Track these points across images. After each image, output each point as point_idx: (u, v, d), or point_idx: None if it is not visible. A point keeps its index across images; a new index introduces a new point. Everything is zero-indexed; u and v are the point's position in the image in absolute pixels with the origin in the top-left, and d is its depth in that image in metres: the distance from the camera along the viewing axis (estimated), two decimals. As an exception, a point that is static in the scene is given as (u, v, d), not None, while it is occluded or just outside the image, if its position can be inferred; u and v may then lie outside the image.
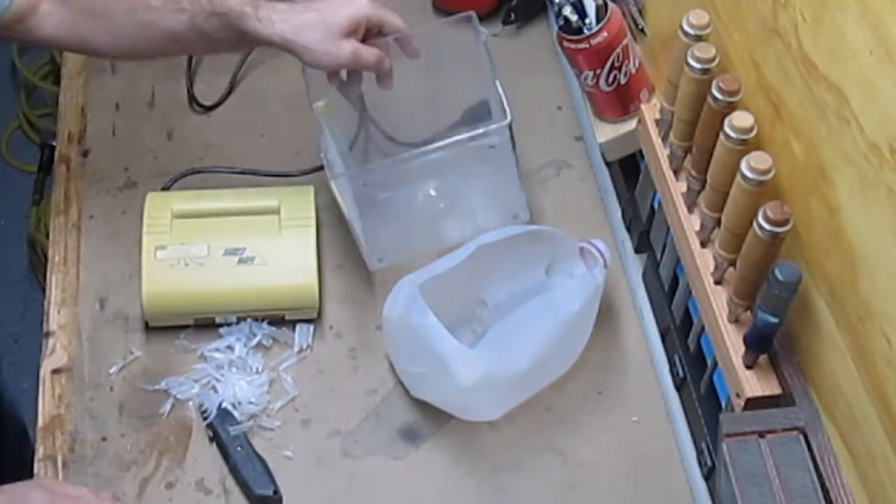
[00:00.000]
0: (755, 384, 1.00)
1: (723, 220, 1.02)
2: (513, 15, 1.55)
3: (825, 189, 0.91)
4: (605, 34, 1.21)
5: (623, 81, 1.24)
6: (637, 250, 1.32)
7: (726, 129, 0.99)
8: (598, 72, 1.24)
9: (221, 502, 1.14)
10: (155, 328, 1.24)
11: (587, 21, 1.21)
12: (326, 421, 1.20)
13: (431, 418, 1.20)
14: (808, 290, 0.96)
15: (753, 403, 1.00)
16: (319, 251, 1.28)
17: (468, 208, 1.32)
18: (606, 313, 1.28)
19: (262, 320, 1.25)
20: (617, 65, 1.23)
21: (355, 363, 1.25)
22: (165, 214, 1.25)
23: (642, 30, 1.27)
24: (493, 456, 1.19)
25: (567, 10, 1.21)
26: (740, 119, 0.98)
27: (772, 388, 1.00)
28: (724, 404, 1.11)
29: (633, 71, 1.24)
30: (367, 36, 1.19)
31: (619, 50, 1.22)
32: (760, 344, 0.99)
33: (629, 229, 1.34)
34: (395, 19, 1.20)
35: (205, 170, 1.37)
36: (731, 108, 1.01)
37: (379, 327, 1.24)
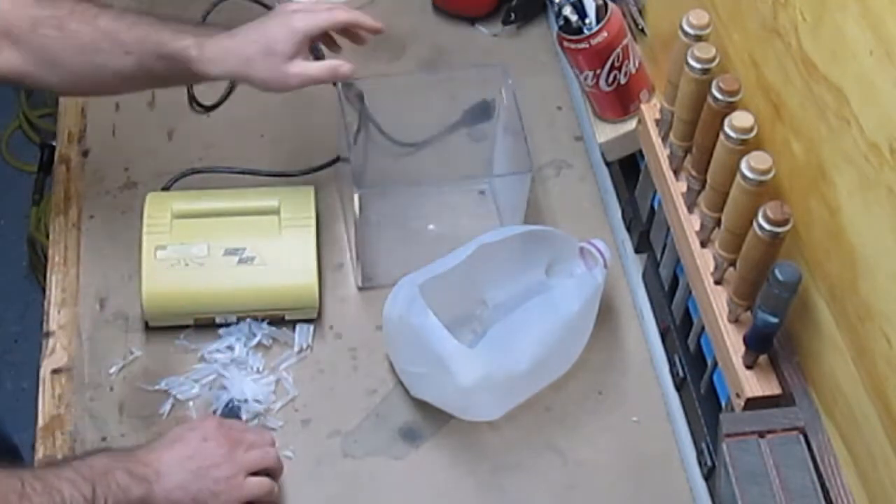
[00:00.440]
0: (755, 384, 1.00)
1: (723, 220, 1.02)
2: (513, 15, 1.55)
3: (825, 189, 0.91)
4: (605, 34, 1.21)
5: (623, 81, 1.24)
6: (637, 250, 1.32)
7: (726, 129, 0.99)
8: (598, 72, 1.24)
9: (221, 502, 1.14)
10: (155, 328, 1.24)
11: (587, 21, 1.21)
12: (326, 421, 1.20)
13: (431, 418, 1.20)
14: (808, 290, 0.96)
15: (753, 403, 0.99)
16: (319, 251, 1.28)
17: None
18: (606, 313, 1.28)
19: (262, 320, 1.25)
20: (617, 65, 1.23)
21: (355, 363, 1.25)
22: (165, 214, 1.25)
23: (642, 30, 1.27)
24: (493, 456, 1.19)
25: (567, 10, 1.21)
26: (740, 119, 0.98)
27: (772, 388, 1.00)
28: (724, 404, 1.11)
29: (633, 71, 1.24)
30: (327, 40, 1.21)
31: (619, 50, 1.22)
32: (760, 344, 0.99)
33: (629, 229, 1.34)
34: (340, 16, 1.20)
35: (205, 170, 1.36)
36: (731, 108, 1.01)
37: (379, 327, 1.24)
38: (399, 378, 1.22)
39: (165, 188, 1.34)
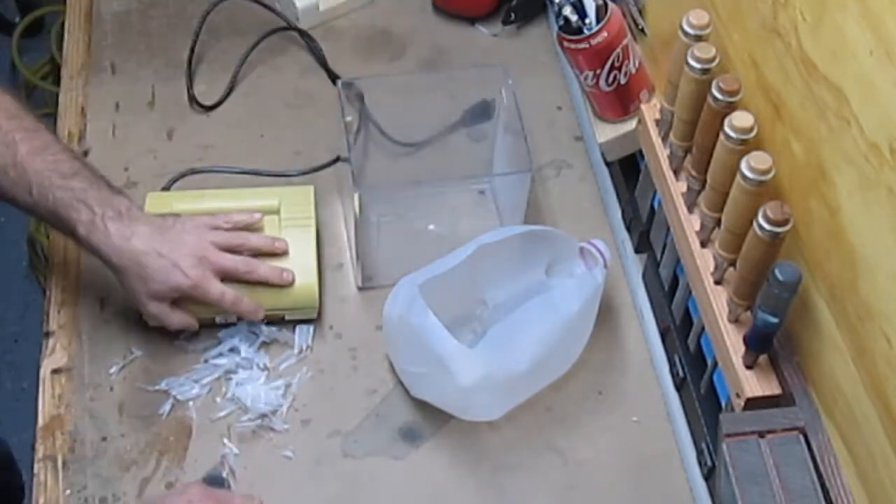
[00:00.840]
0: (755, 384, 1.00)
1: (723, 220, 1.02)
2: (513, 15, 1.55)
3: (825, 189, 0.91)
4: (605, 34, 1.21)
5: (623, 81, 1.24)
6: (637, 250, 1.32)
7: (726, 129, 0.99)
8: (598, 72, 1.24)
9: (221, 502, 1.14)
10: (155, 328, 1.24)
11: (587, 21, 1.21)
12: (326, 421, 1.20)
13: (431, 418, 1.20)
14: (808, 290, 0.96)
15: (753, 403, 1.00)
16: (319, 251, 1.28)
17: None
18: (606, 313, 1.28)
19: (262, 320, 1.25)
20: (617, 65, 1.23)
21: (355, 363, 1.25)
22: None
23: (642, 30, 1.27)
24: (493, 456, 1.19)
25: (567, 10, 1.21)
26: (740, 119, 0.98)
27: (772, 388, 1.00)
28: (724, 404, 1.11)
29: (633, 71, 1.24)
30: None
31: (619, 50, 1.22)
32: (760, 344, 0.99)
33: (629, 229, 1.34)
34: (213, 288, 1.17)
35: (205, 170, 1.36)
36: (731, 108, 1.01)
37: (379, 327, 1.24)
38: (399, 378, 1.22)
39: (165, 188, 1.34)
